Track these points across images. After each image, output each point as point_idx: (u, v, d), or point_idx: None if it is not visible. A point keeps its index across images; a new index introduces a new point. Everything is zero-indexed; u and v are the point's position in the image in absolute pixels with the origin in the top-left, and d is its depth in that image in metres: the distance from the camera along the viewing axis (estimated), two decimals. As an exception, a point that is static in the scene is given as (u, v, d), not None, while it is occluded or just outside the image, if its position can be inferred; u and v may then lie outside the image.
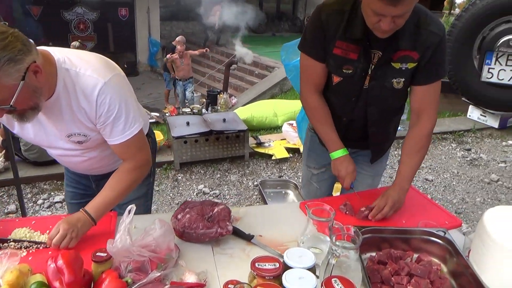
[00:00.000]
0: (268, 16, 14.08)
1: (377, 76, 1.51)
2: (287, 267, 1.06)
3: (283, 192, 3.76)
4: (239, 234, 1.42)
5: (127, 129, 1.36)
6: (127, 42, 12.04)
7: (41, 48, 1.25)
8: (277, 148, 4.68)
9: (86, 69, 1.27)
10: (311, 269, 1.06)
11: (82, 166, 1.57)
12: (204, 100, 6.96)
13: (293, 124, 4.69)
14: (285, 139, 4.89)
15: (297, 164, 4.44)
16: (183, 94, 7.70)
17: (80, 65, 1.28)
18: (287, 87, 8.20)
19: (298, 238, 1.30)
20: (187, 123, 4.39)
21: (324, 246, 1.24)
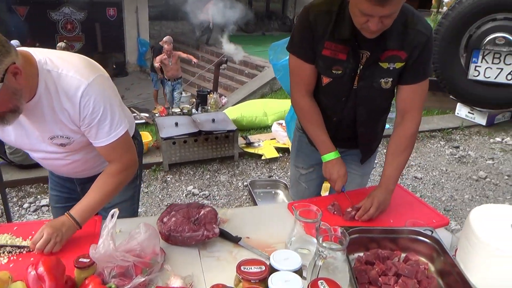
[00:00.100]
0: (258, 15, 14.07)
1: (365, 76, 1.50)
2: (273, 270, 1.05)
3: (273, 192, 3.76)
4: (226, 237, 1.40)
5: (113, 131, 1.34)
6: (116, 42, 11.95)
7: (22, 49, 1.23)
8: (267, 148, 4.67)
9: (69, 70, 1.25)
10: (298, 271, 1.05)
11: (66, 169, 1.54)
12: (194, 100, 6.93)
13: (283, 124, 4.69)
14: (275, 139, 4.88)
15: (287, 164, 4.44)
16: (171, 95, 7.65)
17: (62, 66, 1.25)
18: (277, 87, 8.21)
19: (286, 240, 1.29)
20: (176, 124, 4.36)
21: (312, 247, 1.23)
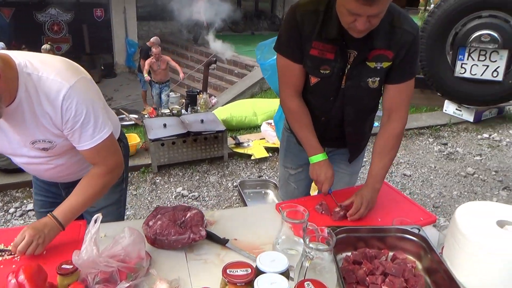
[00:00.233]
0: (247, 15, 14.06)
1: (353, 76, 1.50)
2: (260, 272, 1.04)
3: (263, 192, 3.75)
4: (214, 239, 1.39)
5: (97, 134, 1.32)
6: (104, 44, 11.86)
7: (1, 52, 1.20)
8: (256, 148, 4.66)
9: (49, 73, 1.23)
10: (284, 273, 1.05)
11: (50, 174, 1.52)
12: (184, 101, 6.89)
13: (272, 123, 4.68)
14: (264, 139, 4.87)
15: (277, 164, 4.43)
16: (159, 97, 7.64)
17: (43, 69, 1.23)
18: (267, 86, 8.20)
19: (273, 241, 1.28)
20: (164, 125, 4.33)
21: (300, 248, 1.22)
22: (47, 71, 1.23)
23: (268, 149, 4.66)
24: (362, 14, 1.25)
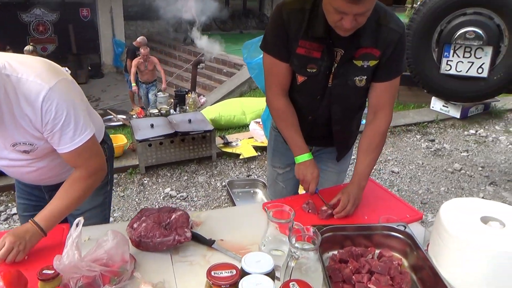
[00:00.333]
0: (235, 14, 14.01)
1: (340, 74, 1.50)
2: (245, 273, 1.03)
3: (252, 192, 3.74)
4: (200, 240, 1.37)
5: (77, 136, 1.29)
6: (90, 44, 11.74)
7: (-22, 54, 1.18)
8: (245, 147, 4.65)
9: (29, 75, 1.20)
10: (270, 274, 1.04)
11: (31, 177, 1.49)
12: (172, 101, 6.85)
13: (260, 122, 4.68)
14: (253, 138, 4.86)
15: (265, 163, 4.43)
16: (146, 97, 7.61)
17: (22, 71, 1.20)
18: (256, 85, 8.16)
19: (260, 241, 1.27)
20: (152, 125, 4.29)
21: (286, 248, 1.22)
22: (27, 73, 1.20)
23: (257, 148, 4.66)
24: (349, 13, 1.25)
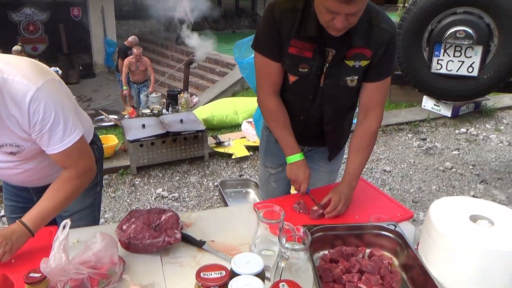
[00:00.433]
0: (227, 13, 13.98)
1: (331, 74, 1.49)
2: (234, 274, 1.02)
3: (244, 192, 3.73)
4: (190, 241, 1.37)
5: (67, 137, 1.28)
6: (82, 43, 11.65)
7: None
8: (237, 147, 4.64)
9: (15, 75, 1.18)
10: (260, 275, 1.03)
11: (19, 179, 1.47)
12: (165, 101, 6.82)
13: (252, 122, 4.67)
14: (245, 137, 4.86)
15: (258, 162, 4.42)
16: (138, 97, 7.56)
17: (8, 71, 1.19)
18: (248, 84, 8.17)
19: (250, 241, 1.27)
20: (143, 126, 4.27)
21: (277, 248, 1.21)
22: (13, 73, 1.19)
23: (249, 148, 4.65)
24: (341, 13, 1.24)
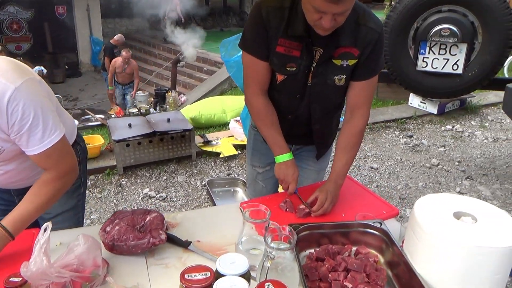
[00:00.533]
0: (215, 11, 13.92)
1: (319, 73, 1.49)
2: (220, 275, 1.01)
3: (232, 191, 3.72)
4: (175, 242, 1.35)
5: (46, 138, 1.25)
6: (67, 42, 11.47)
7: None
8: (225, 146, 4.62)
9: None
10: (245, 275, 1.02)
11: (0, 180, 1.44)
12: (152, 99, 6.75)
13: (240, 121, 4.66)
14: (233, 136, 4.84)
15: (246, 161, 4.41)
16: (123, 98, 7.37)
17: None
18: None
19: (236, 241, 1.26)
20: (129, 125, 4.22)
21: (263, 247, 1.21)
22: None
23: (237, 147, 4.63)
24: (328, 12, 1.24)
